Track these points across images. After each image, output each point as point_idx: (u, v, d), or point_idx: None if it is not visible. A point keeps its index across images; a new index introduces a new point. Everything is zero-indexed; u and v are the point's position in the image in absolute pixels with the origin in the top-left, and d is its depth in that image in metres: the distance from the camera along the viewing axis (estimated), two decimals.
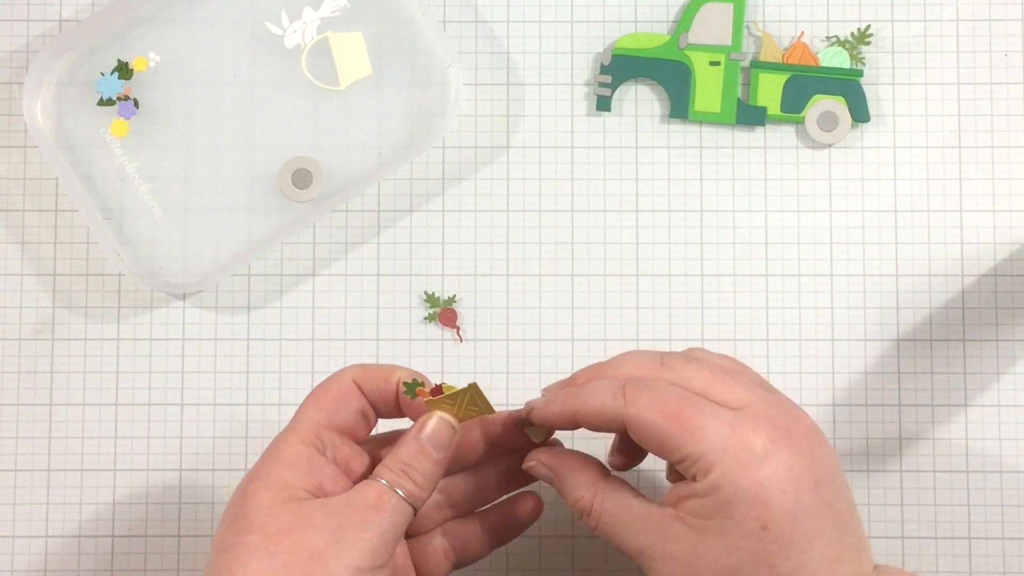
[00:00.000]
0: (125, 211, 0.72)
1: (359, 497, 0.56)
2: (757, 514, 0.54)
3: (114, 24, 0.73)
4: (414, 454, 0.58)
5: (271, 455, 0.57)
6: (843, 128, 0.72)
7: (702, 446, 0.55)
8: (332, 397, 0.59)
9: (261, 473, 0.56)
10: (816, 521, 0.54)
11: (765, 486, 0.54)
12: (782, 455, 0.55)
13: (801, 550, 0.54)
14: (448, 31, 0.74)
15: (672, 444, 0.55)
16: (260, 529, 0.54)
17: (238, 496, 0.56)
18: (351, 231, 0.73)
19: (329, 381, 0.60)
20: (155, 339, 0.73)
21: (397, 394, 0.59)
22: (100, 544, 0.72)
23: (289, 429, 0.58)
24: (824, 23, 0.73)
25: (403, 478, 0.57)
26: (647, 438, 0.56)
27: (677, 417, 0.56)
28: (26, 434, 0.72)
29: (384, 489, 0.56)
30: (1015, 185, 0.73)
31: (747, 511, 0.54)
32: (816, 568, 0.54)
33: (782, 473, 0.55)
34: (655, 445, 0.56)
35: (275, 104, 0.73)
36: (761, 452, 0.55)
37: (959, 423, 0.72)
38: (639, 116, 0.73)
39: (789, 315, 0.72)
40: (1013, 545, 0.71)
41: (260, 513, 0.55)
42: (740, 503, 0.54)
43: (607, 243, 0.73)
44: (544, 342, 0.72)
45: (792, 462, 0.55)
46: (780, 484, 0.54)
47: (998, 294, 0.72)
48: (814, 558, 0.54)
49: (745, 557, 0.54)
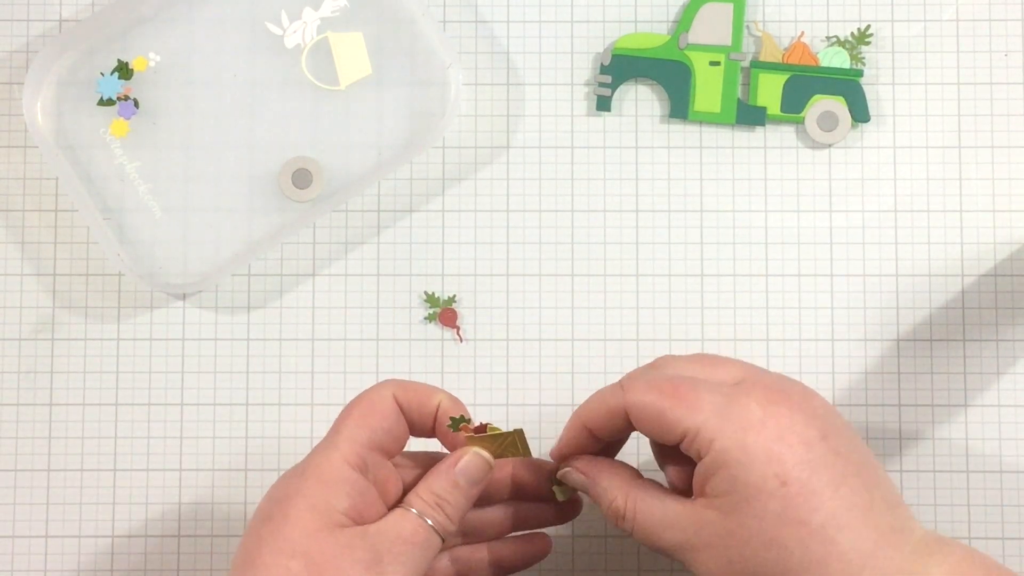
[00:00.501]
0: (125, 211, 0.72)
1: (396, 528, 0.56)
2: (773, 471, 0.54)
3: (114, 24, 0.73)
4: (448, 487, 0.58)
5: (315, 474, 0.56)
6: (843, 128, 0.72)
7: (700, 417, 0.55)
8: (375, 414, 0.58)
9: (305, 492, 0.56)
10: (832, 470, 0.54)
11: (772, 443, 0.54)
12: (782, 414, 0.55)
13: (827, 498, 0.54)
14: (448, 31, 0.74)
15: (671, 420, 0.56)
16: (303, 555, 0.54)
17: (278, 512, 0.55)
18: (351, 231, 0.73)
19: (369, 397, 0.59)
20: (155, 339, 0.73)
21: (436, 417, 0.59)
22: (100, 544, 0.72)
23: (332, 446, 0.57)
24: (824, 23, 0.73)
25: (435, 509, 0.57)
26: (647, 420, 0.56)
27: (673, 393, 0.56)
28: (26, 434, 0.72)
29: (419, 521, 0.56)
30: (1015, 185, 0.73)
31: (762, 470, 0.54)
32: (849, 519, 0.53)
33: (784, 428, 0.54)
34: (656, 426, 0.56)
35: (275, 104, 0.73)
36: (760, 414, 0.55)
37: (959, 423, 0.72)
38: (639, 116, 0.73)
39: (789, 315, 0.72)
40: (1013, 545, 0.71)
41: (305, 538, 0.54)
42: (752, 465, 0.54)
43: (607, 243, 0.73)
44: (544, 342, 0.72)
45: (792, 418, 0.55)
46: (786, 439, 0.54)
47: (998, 294, 0.72)
48: (843, 507, 0.53)
49: (776, 521, 0.53)
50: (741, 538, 0.54)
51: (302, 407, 0.72)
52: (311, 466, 0.57)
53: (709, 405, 0.55)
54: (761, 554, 0.54)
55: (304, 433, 0.72)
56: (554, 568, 0.71)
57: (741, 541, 0.54)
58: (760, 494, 0.54)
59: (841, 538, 0.53)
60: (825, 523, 0.53)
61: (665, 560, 0.71)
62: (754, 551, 0.54)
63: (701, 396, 0.56)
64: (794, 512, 0.53)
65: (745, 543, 0.54)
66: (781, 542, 0.53)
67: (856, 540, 0.53)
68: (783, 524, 0.53)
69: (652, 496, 0.58)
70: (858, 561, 0.53)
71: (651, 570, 0.71)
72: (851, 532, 0.53)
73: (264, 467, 0.72)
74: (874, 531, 0.54)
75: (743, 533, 0.54)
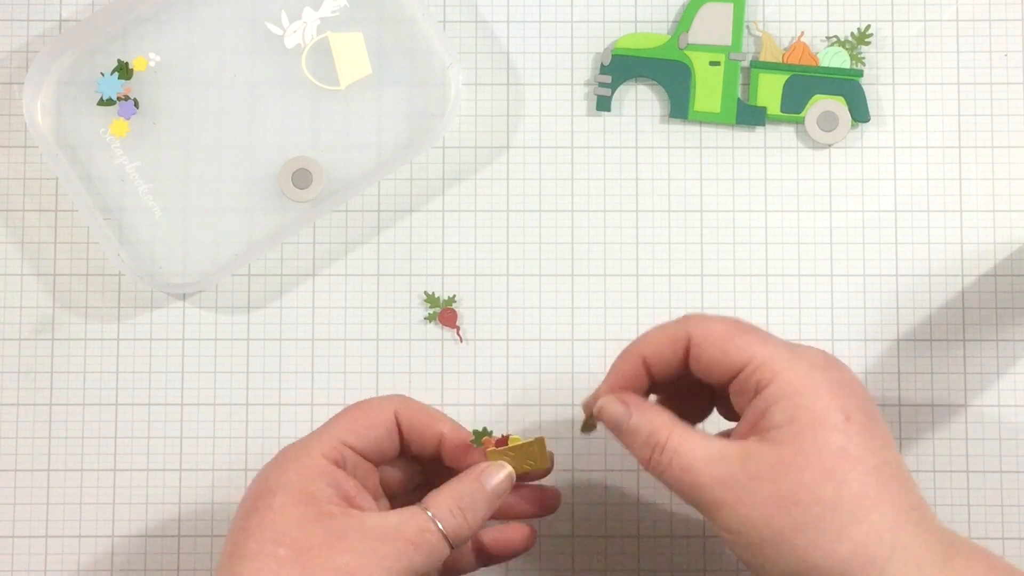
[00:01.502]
0: (125, 211, 0.72)
1: (400, 526, 0.56)
2: (838, 405, 0.54)
3: (114, 24, 0.73)
4: (474, 492, 0.58)
5: (294, 467, 0.57)
6: (843, 128, 0.72)
7: (767, 349, 0.55)
8: (365, 421, 0.59)
9: (286, 483, 0.56)
10: (884, 425, 0.55)
11: (838, 383, 0.55)
12: (841, 368, 0.56)
13: (883, 444, 0.54)
14: (448, 31, 0.74)
15: (738, 345, 0.56)
16: (291, 543, 0.54)
17: (261, 504, 0.56)
18: (351, 231, 0.73)
19: (369, 406, 0.60)
20: (155, 339, 0.73)
21: (438, 445, 0.60)
22: (100, 544, 0.72)
23: (313, 440, 0.58)
24: (824, 23, 0.73)
25: (456, 514, 0.57)
26: (711, 345, 0.56)
27: (738, 325, 0.57)
28: (26, 434, 0.72)
29: (428, 525, 0.56)
30: (1015, 185, 0.73)
31: (827, 403, 0.54)
32: (899, 471, 0.54)
33: (846, 380, 0.56)
34: (719, 352, 0.56)
35: (275, 104, 0.73)
36: (823, 362, 0.56)
37: (959, 423, 0.72)
38: (639, 116, 0.73)
39: (789, 315, 0.72)
40: (1013, 545, 0.71)
41: (290, 526, 0.54)
42: (818, 395, 0.54)
43: (607, 243, 0.73)
44: (544, 342, 0.72)
45: (849, 375, 0.56)
46: (849, 384, 0.55)
47: (998, 294, 0.72)
48: (894, 459, 0.54)
49: (837, 453, 0.53)
50: (797, 467, 0.53)
51: (302, 407, 0.72)
52: (290, 459, 0.58)
53: (774, 342, 0.56)
54: (819, 484, 0.53)
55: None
56: (554, 568, 0.71)
57: (797, 470, 0.53)
58: (824, 425, 0.54)
59: (893, 484, 0.54)
60: (880, 466, 0.54)
61: (666, 560, 0.71)
62: (812, 479, 0.53)
63: (766, 335, 0.57)
64: (855, 448, 0.53)
65: (801, 472, 0.53)
66: (840, 475, 0.53)
67: (906, 488, 0.54)
68: (843, 457, 0.53)
69: (695, 432, 0.57)
70: (906, 506, 0.54)
71: (651, 570, 0.71)
72: (900, 482, 0.54)
73: None
74: (916, 494, 0.55)
75: (800, 462, 0.53)
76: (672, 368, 0.59)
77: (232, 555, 0.55)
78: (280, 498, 0.55)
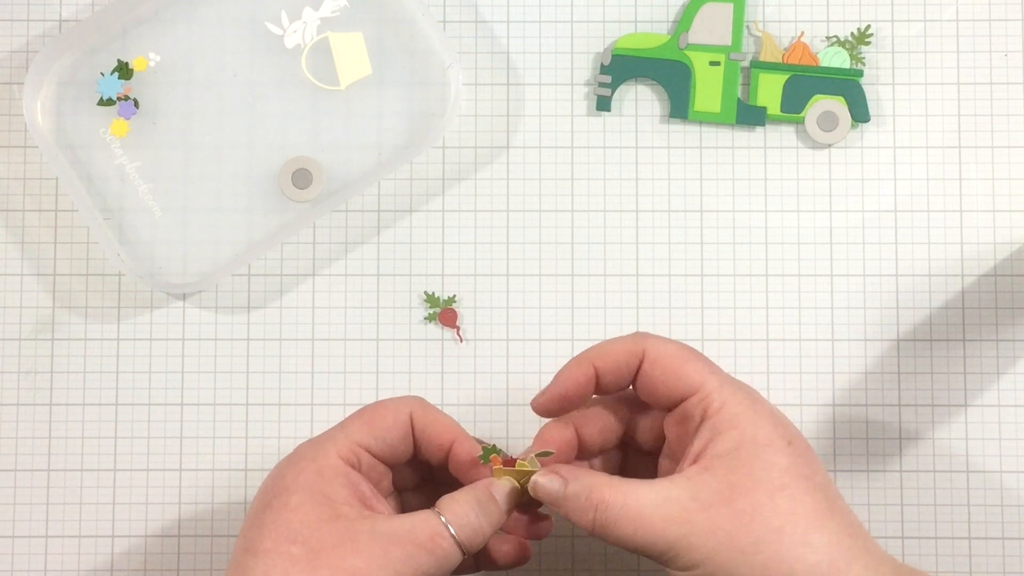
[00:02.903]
0: (125, 211, 0.72)
1: (412, 530, 0.56)
2: (780, 433, 0.56)
3: (114, 24, 0.73)
4: (488, 501, 0.58)
5: (311, 466, 0.57)
6: (843, 128, 0.72)
7: (716, 379, 0.57)
8: (384, 426, 0.59)
9: (302, 483, 0.57)
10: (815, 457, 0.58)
11: (774, 414, 0.57)
12: (766, 400, 0.59)
13: (821, 470, 0.57)
14: (448, 31, 0.74)
15: (689, 370, 0.57)
16: (304, 542, 0.55)
17: (277, 503, 0.56)
18: (351, 231, 0.73)
19: (385, 405, 0.60)
20: (155, 339, 0.73)
21: (448, 452, 0.60)
22: (100, 544, 0.72)
23: (329, 440, 0.58)
24: (824, 23, 0.73)
25: (472, 519, 0.57)
26: (664, 366, 0.58)
27: (691, 351, 0.59)
28: (26, 434, 0.72)
29: (441, 530, 0.56)
30: (1015, 185, 0.73)
31: (769, 431, 0.56)
32: (837, 493, 0.57)
33: (777, 410, 0.58)
34: (671, 375, 0.58)
35: (275, 104, 0.73)
36: (755, 395, 0.58)
37: (959, 423, 0.72)
38: (639, 116, 0.73)
39: (789, 315, 0.72)
40: (1013, 545, 0.71)
41: (305, 526, 0.55)
42: (761, 424, 0.56)
43: (607, 243, 0.73)
44: (544, 342, 0.72)
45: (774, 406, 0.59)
46: (782, 415, 0.58)
47: (998, 294, 0.72)
48: (831, 481, 0.57)
49: (784, 472, 0.55)
50: (749, 488, 0.55)
51: (302, 407, 0.72)
52: (306, 458, 0.58)
53: (721, 373, 0.58)
54: (774, 499, 0.54)
55: (304, 433, 0.72)
56: (554, 568, 0.71)
57: (750, 490, 0.55)
58: (768, 449, 0.55)
59: (838, 503, 0.56)
60: (825, 486, 0.56)
61: None
62: (767, 496, 0.54)
63: (714, 364, 0.59)
64: (799, 468, 0.56)
65: (754, 491, 0.55)
66: (792, 490, 0.55)
67: (847, 510, 0.57)
68: (793, 474, 0.55)
69: (633, 481, 0.56)
70: (855, 523, 0.56)
71: (652, 570, 0.71)
72: (842, 503, 0.57)
73: (264, 467, 0.72)
74: (856, 518, 0.57)
75: (751, 484, 0.55)
76: (621, 381, 0.60)
77: (246, 551, 0.56)
78: (296, 497, 0.56)
